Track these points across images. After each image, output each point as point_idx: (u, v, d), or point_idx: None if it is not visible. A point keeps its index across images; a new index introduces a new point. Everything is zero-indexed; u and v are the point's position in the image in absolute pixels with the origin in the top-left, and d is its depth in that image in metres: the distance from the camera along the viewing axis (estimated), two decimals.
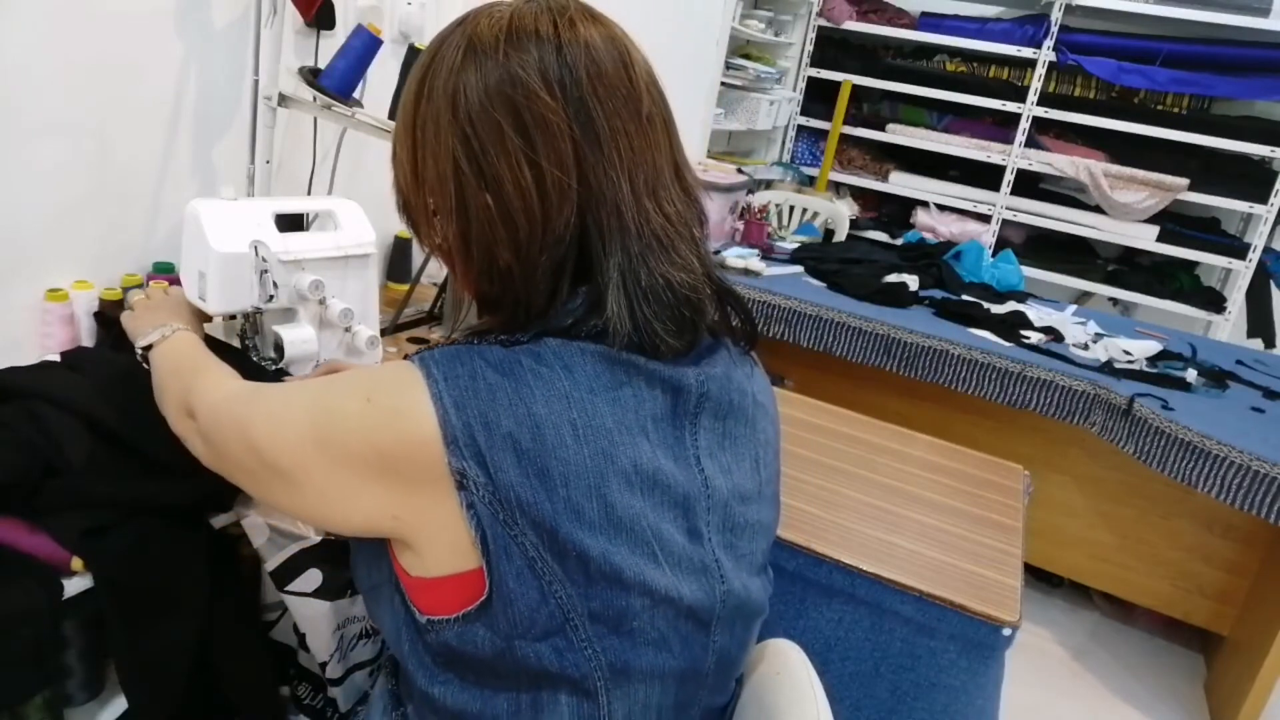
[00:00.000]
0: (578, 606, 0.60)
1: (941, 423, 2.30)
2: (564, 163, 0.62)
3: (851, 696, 1.20)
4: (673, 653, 0.65)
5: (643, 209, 0.64)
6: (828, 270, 2.56)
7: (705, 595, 0.66)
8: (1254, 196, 3.25)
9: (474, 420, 0.57)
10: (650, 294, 0.63)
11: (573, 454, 0.58)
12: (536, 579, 0.58)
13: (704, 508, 0.67)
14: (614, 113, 0.63)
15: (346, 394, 0.62)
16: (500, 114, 0.62)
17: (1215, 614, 2.20)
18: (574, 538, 0.58)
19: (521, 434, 0.58)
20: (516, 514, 0.57)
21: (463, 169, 0.63)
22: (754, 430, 0.73)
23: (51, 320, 1.25)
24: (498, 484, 0.57)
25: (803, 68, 3.89)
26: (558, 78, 0.62)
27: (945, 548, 1.25)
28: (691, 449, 0.67)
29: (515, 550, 0.58)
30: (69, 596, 0.82)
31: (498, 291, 0.66)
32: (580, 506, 0.58)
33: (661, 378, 0.64)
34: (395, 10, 1.76)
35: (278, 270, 1.07)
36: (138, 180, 1.38)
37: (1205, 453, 1.79)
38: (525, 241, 0.63)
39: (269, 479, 0.66)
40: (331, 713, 1.01)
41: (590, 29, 0.64)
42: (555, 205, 0.62)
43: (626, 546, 0.60)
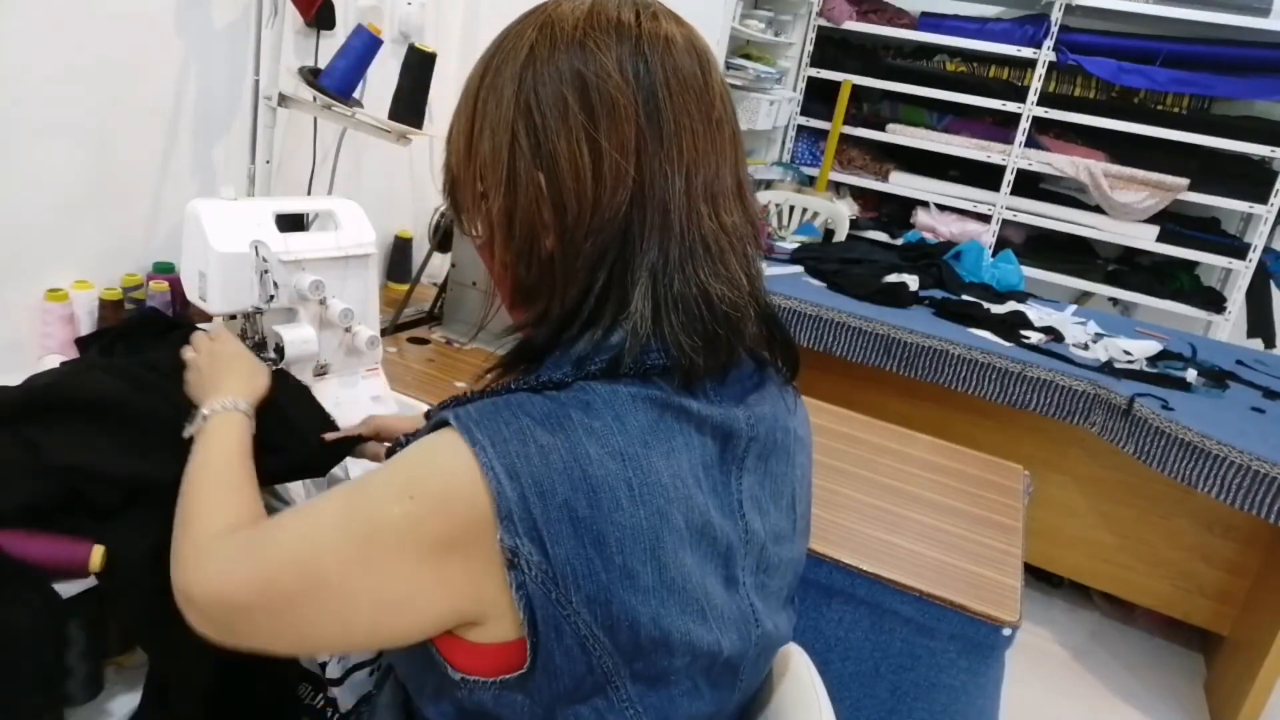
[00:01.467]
0: (622, 671, 0.57)
1: (941, 423, 2.30)
2: (625, 146, 0.59)
3: (851, 696, 1.20)
4: (704, 699, 0.63)
5: (695, 211, 0.61)
6: (828, 270, 2.56)
7: (742, 643, 0.64)
8: (1254, 196, 3.25)
9: (529, 490, 0.53)
10: (681, 302, 0.60)
11: (629, 517, 0.55)
12: (585, 655, 0.55)
13: (742, 554, 0.64)
14: (683, 109, 0.61)
15: (384, 500, 0.56)
16: (568, 88, 0.59)
17: (1215, 614, 2.21)
18: (627, 606, 0.55)
19: (578, 501, 0.53)
20: (570, 591, 0.54)
21: (520, 142, 0.60)
22: (792, 466, 0.71)
23: (51, 320, 1.25)
24: (553, 560, 0.53)
25: (803, 68, 3.89)
26: (633, 64, 0.60)
27: (945, 548, 1.25)
28: (735, 495, 0.64)
29: (566, 629, 0.54)
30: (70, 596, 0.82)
31: (534, 280, 0.63)
32: (635, 572, 0.55)
33: (713, 424, 0.62)
34: (395, 10, 1.76)
35: (278, 270, 1.07)
36: (138, 180, 1.38)
37: (1205, 453, 1.79)
38: (572, 225, 0.60)
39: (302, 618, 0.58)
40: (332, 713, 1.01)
41: (672, 26, 0.63)
42: (609, 190, 0.59)
43: (677, 607, 0.58)
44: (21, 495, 0.81)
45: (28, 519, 0.81)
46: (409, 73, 1.41)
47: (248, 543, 0.63)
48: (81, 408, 0.89)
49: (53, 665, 0.80)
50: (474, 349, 1.69)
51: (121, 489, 0.85)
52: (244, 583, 0.59)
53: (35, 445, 0.84)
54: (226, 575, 0.61)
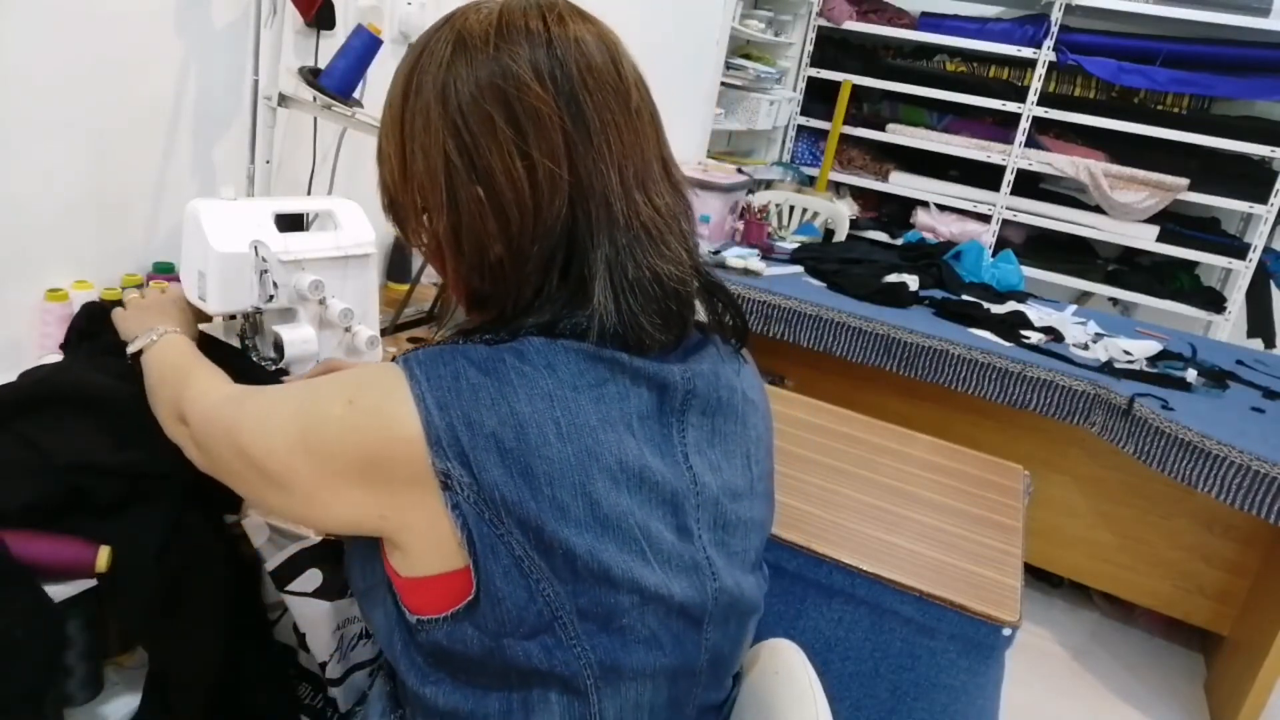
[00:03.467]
0: (566, 604, 0.59)
1: (941, 423, 2.30)
2: (555, 153, 0.62)
3: (851, 696, 1.20)
4: (664, 650, 0.65)
5: (632, 201, 0.64)
6: (828, 270, 2.56)
7: (696, 593, 0.66)
8: (1254, 196, 3.25)
9: (457, 421, 0.57)
10: (637, 286, 0.64)
11: (556, 452, 0.58)
12: (524, 578, 0.58)
13: (693, 505, 0.67)
14: (604, 105, 0.63)
15: (330, 398, 0.62)
16: (492, 106, 0.62)
17: (1215, 614, 2.21)
18: (560, 535, 0.58)
19: (505, 433, 0.57)
20: (502, 513, 0.57)
21: (454, 162, 0.63)
22: (744, 427, 0.73)
23: (51, 320, 1.25)
24: (482, 484, 0.57)
25: (803, 68, 3.89)
26: (549, 70, 0.62)
27: (945, 548, 1.25)
28: (679, 446, 0.67)
29: (502, 549, 0.58)
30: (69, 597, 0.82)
31: (488, 287, 0.67)
32: (565, 505, 0.58)
33: (646, 375, 0.64)
34: (395, 10, 1.76)
35: (278, 270, 1.07)
36: (138, 180, 1.38)
37: (1205, 453, 1.79)
38: (517, 233, 0.63)
39: (260, 483, 0.66)
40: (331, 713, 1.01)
41: (579, 25, 0.65)
42: (547, 196, 0.62)
43: (615, 544, 0.60)
44: (25, 495, 0.81)
45: (32, 519, 0.81)
46: None
47: (229, 402, 0.72)
48: (76, 404, 0.89)
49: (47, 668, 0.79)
50: None
51: (122, 483, 0.85)
52: (221, 431, 0.69)
53: (35, 444, 0.84)
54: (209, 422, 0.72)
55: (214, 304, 1.10)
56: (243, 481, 0.70)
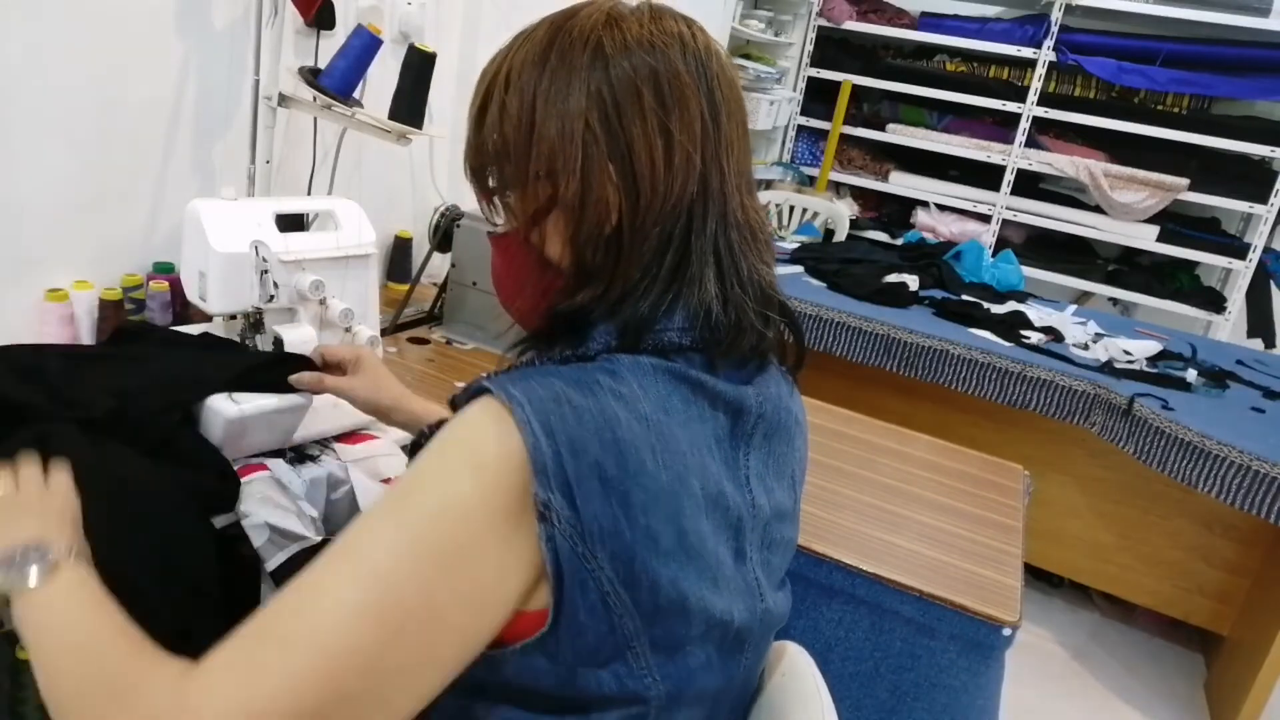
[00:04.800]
0: (641, 635, 0.58)
1: (941, 423, 2.29)
2: (694, 138, 0.64)
3: (851, 696, 1.20)
4: (715, 673, 0.64)
5: (742, 201, 0.67)
6: (828, 270, 2.56)
7: (749, 615, 0.66)
8: (1254, 196, 3.25)
9: (563, 446, 0.54)
10: (749, 284, 0.66)
11: (652, 480, 0.57)
12: (608, 612, 0.56)
13: (750, 528, 0.67)
14: (732, 114, 0.67)
15: (450, 478, 0.55)
16: (642, 81, 0.63)
17: (1215, 614, 2.21)
18: (649, 567, 0.57)
19: (607, 460, 0.55)
20: (596, 547, 0.55)
21: (594, 129, 0.63)
22: (792, 448, 0.74)
23: (51, 320, 1.25)
24: (582, 515, 0.54)
25: (803, 68, 3.89)
26: (694, 67, 0.65)
27: (945, 548, 1.25)
28: (744, 470, 0.67)
29: (591, 584, 0.55)
30: None
31: (598, 261, 0.65)
32: (657, 534, 0.57)
33: (726, 399, 0.65)
34: (395, 10, 1.76)
35: (278, 270, 1.08)
36: (138, 180, 1.38)
37: (1205, 453, 1.79)
38: (643, 209, 0.63)
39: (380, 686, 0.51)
40: None
41: (715, 42, 0.69)
42: (680, 178, 0.64)
43: (695, 573, 0.59)
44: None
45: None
46: (409, 73, 1.41)
47: (259, 633, 0.52)
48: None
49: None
50: (474, 349, 1.69)
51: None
52: (285, 681, 0.49)
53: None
54: (251, 688, 0.49)
55: (214, 304, 1.10)
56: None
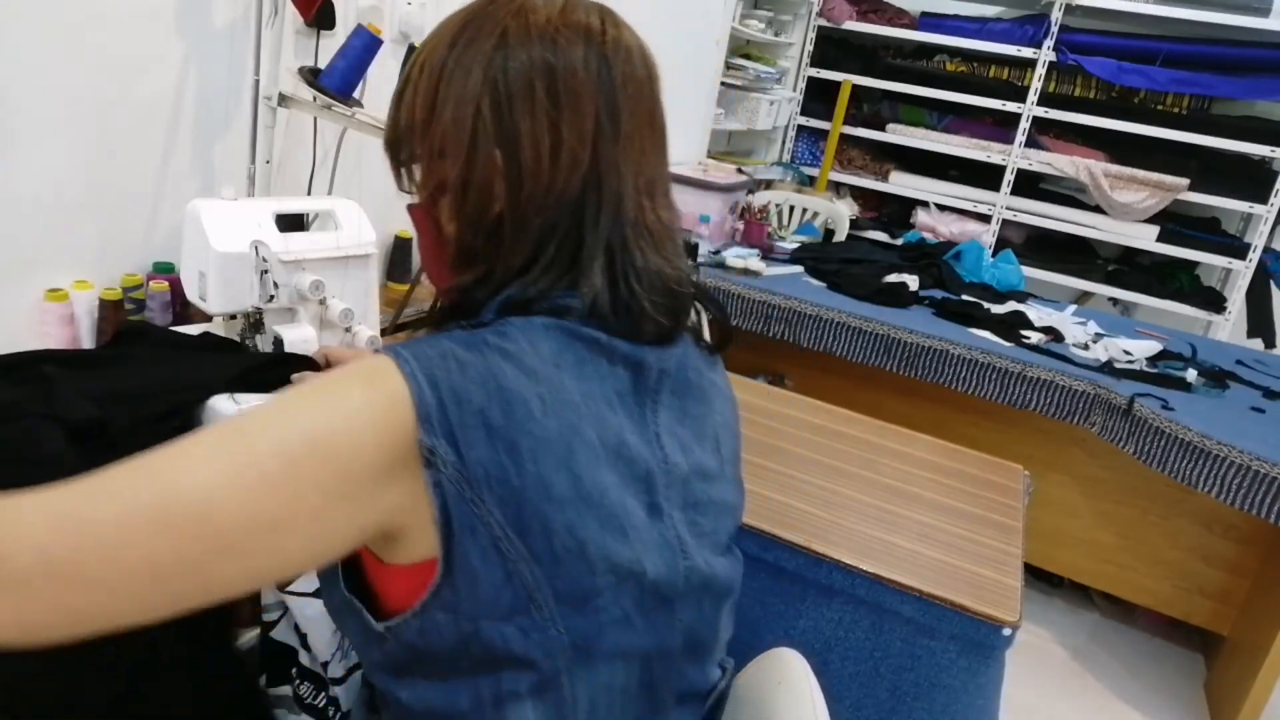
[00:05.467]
0: (543, 585, 0.59)
1: (941, 423, 2.30)
2: (583, 136, 0.65)
3: (851, 696, 1.20)
4: (637, 632, 0.65)
5: (641, 204, 0.68)
6: (828, 270, 2.56)
7: (668, 571, 0.66)
8: (1254, 196, 3.25)
9: (446, 397, 0.57)
10: (644, 275, 0.67)
11: (540, 428, 0.59)
12: (501, 558, 0.58)
13: (664, 484, 0.68)
14: (635, 114, 0.67)
15: (338, 383, 0.57)
16: (536, 76, 0.64)
17: (1215, 614, 2.21)
18: (540, 512, 0.58)
19: (492, 409, 0.57)
20: (483, 491, 0.57)
21: (484, 116, 0.65)
22: (710, 410, 0.75)
23: (51, 320, 1.25)
24: (467, 461, 0.57)
25: (803, 68, 3.89)
26: (597, 66, 0.66)
27: (945, 548, 1.25)
28: (652, 425, 0.68)
29: (481, 529, 0.57)
30: None
31: (480, 244, 0.68)
32: (548, 480, 0.59)
33: (623, 354, 0.66)
34: (395, 10, 1.76)
35: (278, 270, 1.08)
36: (138, 180, 1.38)
37: (1205, 453, 1.79)
38: (524, 200, 0.65)
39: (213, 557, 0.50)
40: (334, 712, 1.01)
41: (630, 37, 0.69)
42: (564, 174, 0.65)
43: (595, 520, 0.61)
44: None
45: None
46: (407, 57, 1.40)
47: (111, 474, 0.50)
48: None
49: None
50: None
51: None
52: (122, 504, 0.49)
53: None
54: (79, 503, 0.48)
55: (214, 304, 1.10)
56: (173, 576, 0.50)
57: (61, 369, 0.97)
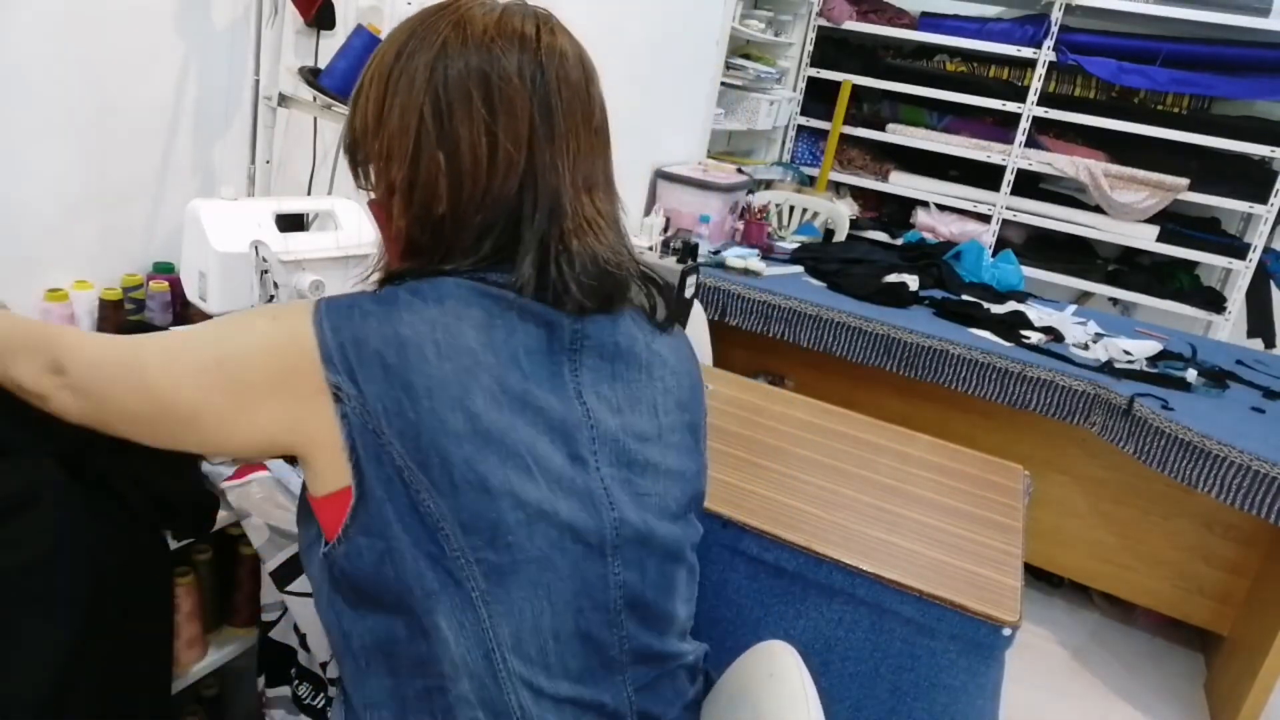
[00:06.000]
0: (448, 516, 0.65)
1: (941, 423, 2.30)
2: (518, 141, 0.70)
3: (851, 696, 1.20)
4: (559, 574, 0.69)
5: (579, 200, 0.73)
6: (828, 270, 2.56)
7: (590, 519, 0.71)
8: (1254, 196, 3.25)
9: (347, 340, 0.65)
10: (576, 259, 0.72)
11: (434, 369, 0.65)
12: (404, 486, 0.65)
13: (588, 438, 0.73)
14: (570, 114, 0.72)
15: (251, 319, 0.70)
16: (474, 85, 0.69)
17: (1215, 614, 2.21)
18: (437, 444, 0.65)
19: (388, 351, 0.65)
20: (383, 422, 0.65)
21: (426, 123, 0.70)
22: (650, 378, 0.79)
23: (51, 320, 1.25)
24: (366, 395, 0.65)
25: (803, 68, 3.89)
26: (531, 73, 0.70)
27: (945, 548, 1.25)
28: (571, 383, 0.73)
29: (384, 457, 0.65)
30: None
31: (426, 239, 0.73)
32: (444, 417, 0.65)
33: (533, 312, 0.71)
34: (395, 10, 1.76)
35: (278, 270, 1.08)
36: (138, 180, 1.38)
37: (1205, 453, 1.79)
38: (465, 199, 0.70)
39: (161, 419, 0.70)
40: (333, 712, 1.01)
41: (566, 42, 0.74)
42: (501, 175, 0.70)
43: (496, 457, 0.66)
44: None
45: None
46: None
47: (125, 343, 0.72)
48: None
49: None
50: None
51: None
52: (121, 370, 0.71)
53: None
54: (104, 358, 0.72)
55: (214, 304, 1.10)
56: (134, 420, 0.72)
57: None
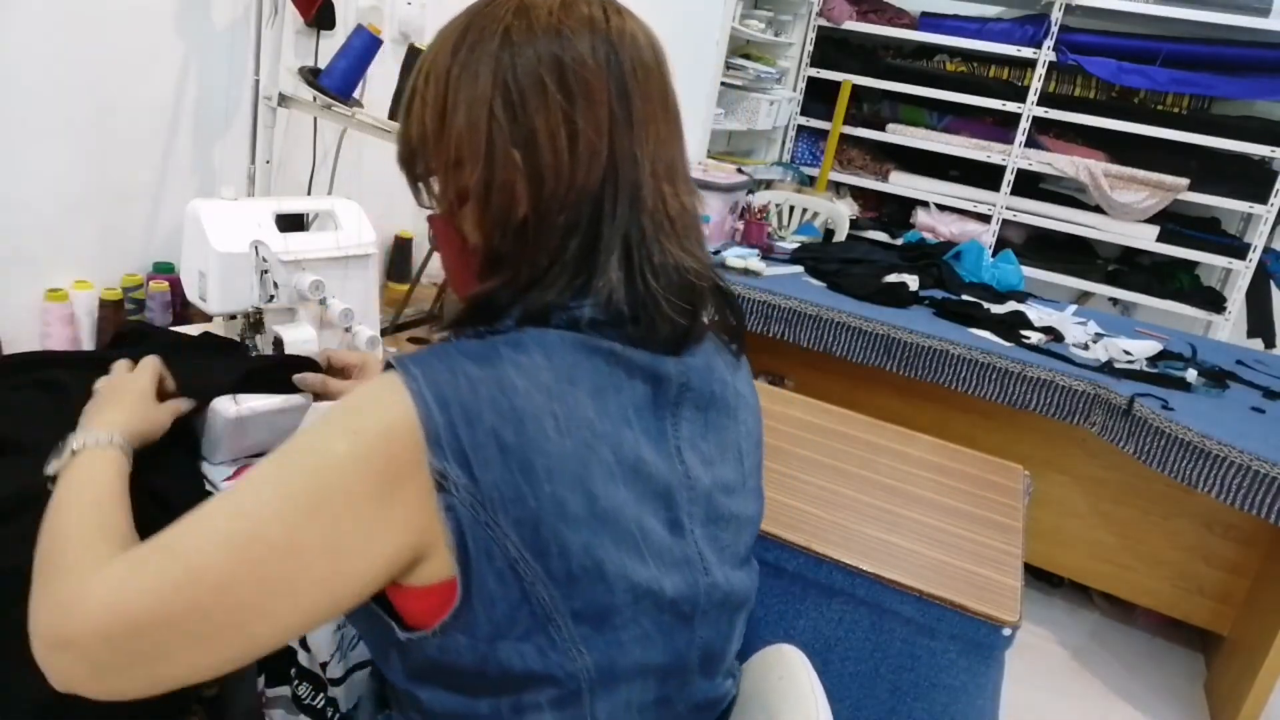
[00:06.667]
0: (560, 606, 0.58)
1: (941, 423, 2.30)
2: (599, 127, 0.64)
3: (851, 696, 1.20)
4: (657, 649, 0.64)
5: (660, 191, 0.66)
6: (828, 270, 2.56)
7: (688, 588, 0.65)
8: (1254, 196, 3.25)
9: (456, 417, 0.55)
10: (661, 271, 0.65)
11: (555, 446, 0.57)
12: (518, 579, 0.57)
13: (685, 499, 0.66)
14: (647, 98, 0.66)
15: (327, 441, 0.56)
16: (546, 71, 0.63)
17: (1215, 614, 2.21)
18: (557, 532, 0.57)
19: (504, 429, 0.56)
20: (498, 514, 0.56)
21: (498, 118, 0.63)
22: (735, 421, 0.74)
23: (51, 320, 1.25)
24: (480, 483, 0.55)
25: (803, 68, 3.89)
26: (605, 54, 0.64)
27: (945, 548, 1.25)
28: (673, 439, 0.67)
29: (496, 551, 0.56)
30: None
31: (506, 247, 0.66)
32: (563, 500, 0.57)
33: (641, 366, 0.64)
34: (395, 10, 1.76)
35: (278, 270, 1.08)
36: (138, 180, 1.38)
37: (1205, 453, 1.79)
38: (548, 197, 0.64)
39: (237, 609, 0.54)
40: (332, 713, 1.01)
41: (634, 24, 0.68)
42: (584, 167, 0.63)
43: (610, 539, 0.59)
44: None
45: None
46: (409, 73, 1.41)
47: (158, 541, 0.56)
48: None
49: None
50: None
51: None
52: (157, 584, 0.53)
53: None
54: (131, 582, 0.54)
55: (214, 304, 1.10)
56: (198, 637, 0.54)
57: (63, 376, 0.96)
